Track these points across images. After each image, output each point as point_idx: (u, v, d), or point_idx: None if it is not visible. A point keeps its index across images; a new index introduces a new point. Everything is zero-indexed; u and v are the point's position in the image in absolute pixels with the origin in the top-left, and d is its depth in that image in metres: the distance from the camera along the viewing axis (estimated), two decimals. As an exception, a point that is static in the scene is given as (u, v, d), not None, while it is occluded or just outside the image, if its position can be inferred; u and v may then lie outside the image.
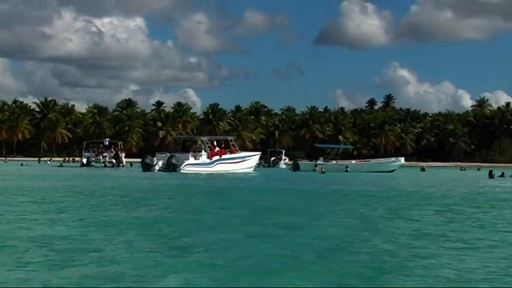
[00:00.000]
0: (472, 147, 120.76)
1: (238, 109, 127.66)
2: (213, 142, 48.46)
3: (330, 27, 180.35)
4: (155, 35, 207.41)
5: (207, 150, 46.56)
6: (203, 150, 46.51)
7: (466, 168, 75.99)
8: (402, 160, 58.97)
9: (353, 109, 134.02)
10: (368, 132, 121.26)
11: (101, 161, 57.47)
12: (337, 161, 57.00)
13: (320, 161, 56.42)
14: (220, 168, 45.52)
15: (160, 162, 45.32)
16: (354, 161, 60.12)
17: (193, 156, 45.61)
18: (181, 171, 42.79)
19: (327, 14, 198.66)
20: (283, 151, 78.62)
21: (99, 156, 58.18)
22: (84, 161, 58.11)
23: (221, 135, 71.48)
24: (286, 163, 70.87)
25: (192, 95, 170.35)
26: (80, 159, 65.71)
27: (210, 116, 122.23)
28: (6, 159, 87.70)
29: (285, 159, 73.53)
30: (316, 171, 50.01)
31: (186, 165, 44.02)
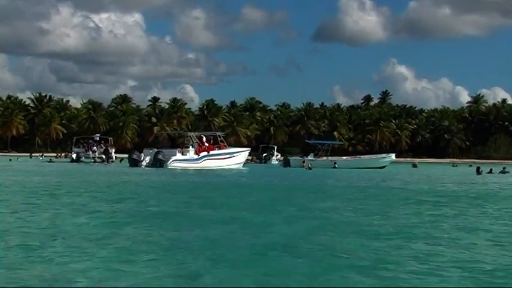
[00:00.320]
0: (467, 143, 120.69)
1: (233, 105, 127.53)
2: (201, 138, 48.29)
3: (328, 23, 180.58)
4: (153, 31, 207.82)
5: (194, 146, 46.46)
6: (191, 146, 46.45)
7: (458, 164, 75.90)
8: (393, 156, 58.87)
9: (349, 105, 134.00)
10: (363, 129, 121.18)
11: (91, 156, 57.34)
12: (328, 157, 56.88)
13: (311, 157, 56.42)
14: (208, 164, 45.37)
15: (148, 158, 45.30)
16: (345, 158, 60.04)
17: (181, 152, 45.58)
18: (168, 167, 42.78)
19: (325, 10, 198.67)
20: (275, 147, 78.51)
21: (88, 152, 58.04)
22: (73, 156, 57.98)
23: (216, 131, 71.36)
24: (278, 159, 70.74)
25: (190, 91, 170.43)
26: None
27: (205, 112, 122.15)
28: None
29: (276, 155, 73.37)
30: (303, 167, 49.89)
31: (173, 161, 43.98)
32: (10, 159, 61.81)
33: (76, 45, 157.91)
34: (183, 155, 45.33)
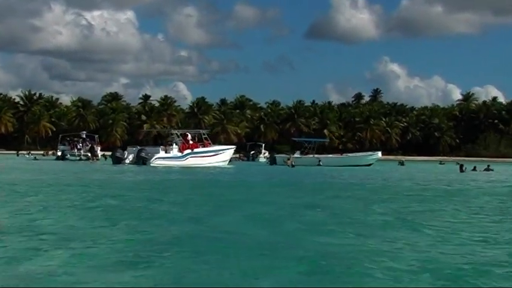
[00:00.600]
0: (457, 141, 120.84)
1: (223, 103, 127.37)
2: (186, 135, 48.02)
3: (320, 21, 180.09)
4: (146, 29, 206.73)
5: (178, 144, 46.21)
6: (174, 144, 46.19)
7: (445, 162, 75.97)
8: (379, 154, 58.83)
9: (340, 103, 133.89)
10: (353, 126, 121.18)
11: (76, 154, 57.05)
12: (314, 155, 56.79)
13: (297, 155, 56.34)
14: (192, 162, 45.08)
15: (131, 155, 45.13)
16: (330, 155, 59.93)
17: (165, 150, 45.31)
18: (151, 165, 42.56)
19: (318, 8, 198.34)
20: (263, 145, 78.29)
21: (74, 150, 57.75)
22: (59, 153, 57.69)
23: (206, 128, 71.06)
24: (266, 157, 70.52)
25: (183, 89, 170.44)
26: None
27: (196, 109, 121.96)
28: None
29: (264, 153, 73.15)
30: (287, 165, 49.81)
31: (156, 158, 43.74)
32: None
33: (68, 42, 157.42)
34: (166, 152, 45.09)
